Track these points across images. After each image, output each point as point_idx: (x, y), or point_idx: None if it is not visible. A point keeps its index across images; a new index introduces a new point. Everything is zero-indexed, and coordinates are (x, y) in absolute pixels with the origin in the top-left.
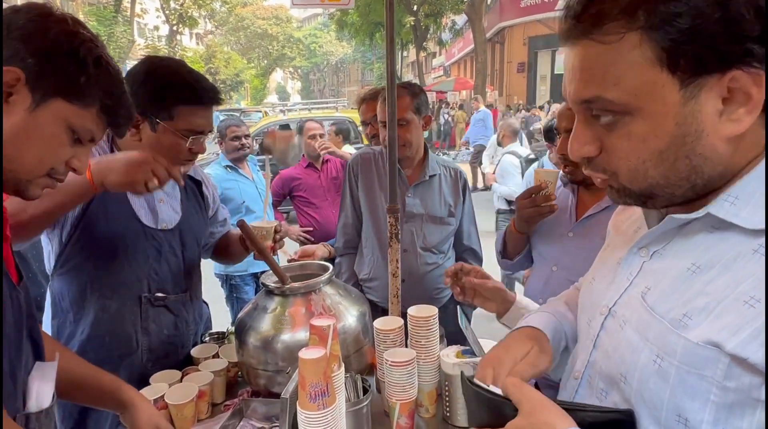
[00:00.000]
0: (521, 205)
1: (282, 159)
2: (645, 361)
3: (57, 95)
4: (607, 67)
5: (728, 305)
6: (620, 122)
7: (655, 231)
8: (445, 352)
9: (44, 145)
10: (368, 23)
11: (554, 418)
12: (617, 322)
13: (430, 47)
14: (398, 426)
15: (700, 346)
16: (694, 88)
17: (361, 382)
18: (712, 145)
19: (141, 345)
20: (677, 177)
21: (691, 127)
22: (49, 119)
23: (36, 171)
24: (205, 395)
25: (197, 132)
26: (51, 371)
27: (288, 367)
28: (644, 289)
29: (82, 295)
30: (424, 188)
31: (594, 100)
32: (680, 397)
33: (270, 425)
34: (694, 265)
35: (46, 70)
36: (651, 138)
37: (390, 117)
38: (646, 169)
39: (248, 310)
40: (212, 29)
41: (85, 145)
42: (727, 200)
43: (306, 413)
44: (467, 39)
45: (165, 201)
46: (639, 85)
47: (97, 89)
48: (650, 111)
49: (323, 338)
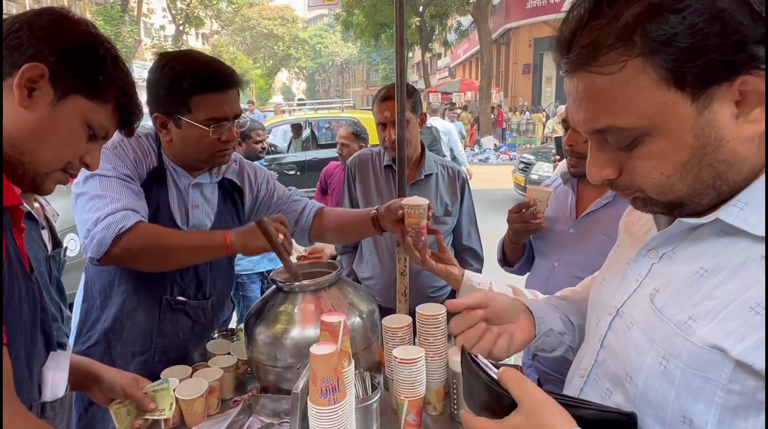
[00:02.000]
0: (510, 219)
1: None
2: (651, 363)
3: (77, 92)
4: (614, 96)
5: (733, 310)
6: (638, 143)
7: (664, 233)
8: (453, 350)
9: (63, 140)
10: (373, 24)
11: (555, 420)
12: (625, 322)
13: (436, 48)
14: (406, 423)
15: (705, 349)
16: (705, 99)
17: (370, 379)
18: (734, 149)
19: (155, 345)
20: (703, 185)
21: (710, 136)
22: (68, 114)
23: (54, 164)
24: (215, 391)
25: (220, 119)
26: (64, 361)
27: (297, 363)
28: (652, 291)
29: (111, 285)
30: (420, 187)
31: (606, 130)
32: (685, 399)
33: (279, 421)
34: (702, 269)
35: (68, 67)
36: (672, 153)
37: (399, 117)
38: (672, 184)
39: (258, 306)
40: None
41: (98, 142)
42: (736, 206)
43: (317, 408)
44: (473, 40)
45: (200, 207)
46: (649, 107)
47: (114, 87)
48: (666, 128)
49: (334, 334)
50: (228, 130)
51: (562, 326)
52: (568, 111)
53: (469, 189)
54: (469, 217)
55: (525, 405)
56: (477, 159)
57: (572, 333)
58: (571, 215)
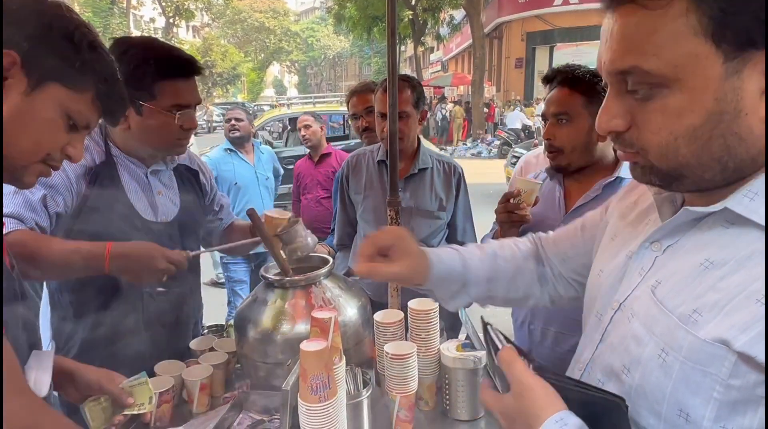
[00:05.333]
0: (497, 209)
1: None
2: (649, 355)
3: (53, 79)
4: (648, 36)
5: (739, 303)
6: (656, 95)
7: (668, 224)
8: (445, 345)
9: (40, 130)
10: (366, 17)
11: (541, 404)
12: (625, 314)
13: (428, 42)
14: (398, 419)
15: (707, 343)
16: (738, 62)
17: (362, 374)
18: (749, 125)
19: (143, 340)
20: (709, 157)
21: (731, 104)
22: (45, 103)
23: (32, 156)
24: (206, 388)
25: (184, 106)
26: (48, 360)
27: (288, 359)
28: (654, 283)
29: (82, 290)
30: (414, 181)
31: (630, 71)
32: (682, 393)
33: (269, 418)
34: (707, 261)
35: (41, 53)
36: (687, 113)
37: (391, 110)
38: (677, 147)
39: (248, 302)
40: (209, 22)
41: (80, 132)
42: (746, 196)
43: (307, 405)
44: (465, 34)
45: (163, 193)
46: (680, 56)
47: (92, 74)
48: (689, 84)
49: (324, 330)
50: (191, 117)
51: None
52: (599, 55)
53: (465, 184)
54: (465, 212)
55: (514, 388)
56: (469, 153)
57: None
58: (560, 210)
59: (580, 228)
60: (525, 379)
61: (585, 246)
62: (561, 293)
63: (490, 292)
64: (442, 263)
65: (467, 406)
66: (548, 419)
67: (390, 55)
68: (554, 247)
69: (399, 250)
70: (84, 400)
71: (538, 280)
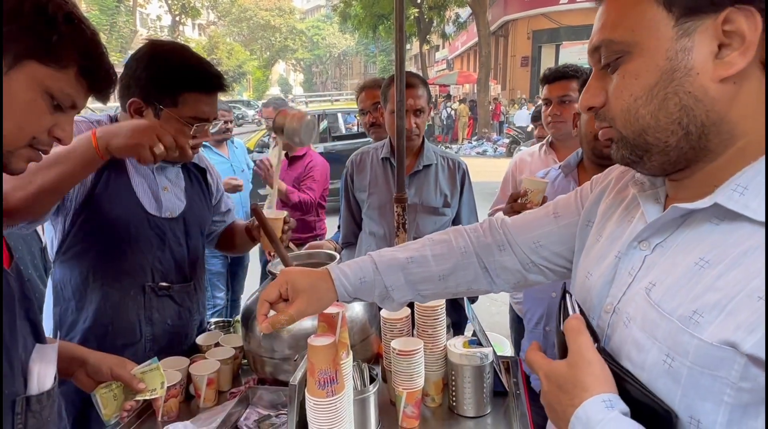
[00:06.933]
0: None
1: (291, 138)
2: (653, 361)
3: (29, 57)
4: (618, 10)
5: (741, 302)
6: (621, 63)
7: (656, 222)
8: (452, 342)
9: (22, 112)
10: (371, 15)
11: (593, 381)
12: (621, 319)
13: (434, 40)
14: (404, 415)
15: (715, 346)
16: (688, 26)
17: (368, 370)
18: (703, 85)
19: (144, 335)
20: (668, 119)
21: (681, 62)
22: (24, 84)
23: (17, 141)
24: (213, 383)
25: (202, 119)
26: (52, 353)
27: (294, 355)
28: (648, 285)
29: (85, 283)
30: (419, 178)
31: (601, 44)
32: (692, 398)
33: (276, 413)
34: (701, 260)
35: (14, 30)
36: (642, 73)
37: (398, 106)
38: (637, 108)
39: (255, 298)
40: (215, 20)
41: (66, 113)
42: (735, 190)
43: (314, 400)
44: (471, 32)
45: (169, 189)
46: (637, 21)
47: (71, 49)
48: (645, 46)
49: (332, 326)
50: (205, 131)
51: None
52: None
53: (469, 181)
54: (470, 210)
55: (572, 357)
56: (475, 152)
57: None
58: None
59: (553, 215)
60: (586, 352)
61: (560, 235)
62: (529, 279)
63: (421, 292)
64: (347, 277)
65: (474, 402)
66: (597, 395)
67: (398, 51)
68: (524, 234)
69: (292, 291)
70: (95, 387)
71: (483, 273)
